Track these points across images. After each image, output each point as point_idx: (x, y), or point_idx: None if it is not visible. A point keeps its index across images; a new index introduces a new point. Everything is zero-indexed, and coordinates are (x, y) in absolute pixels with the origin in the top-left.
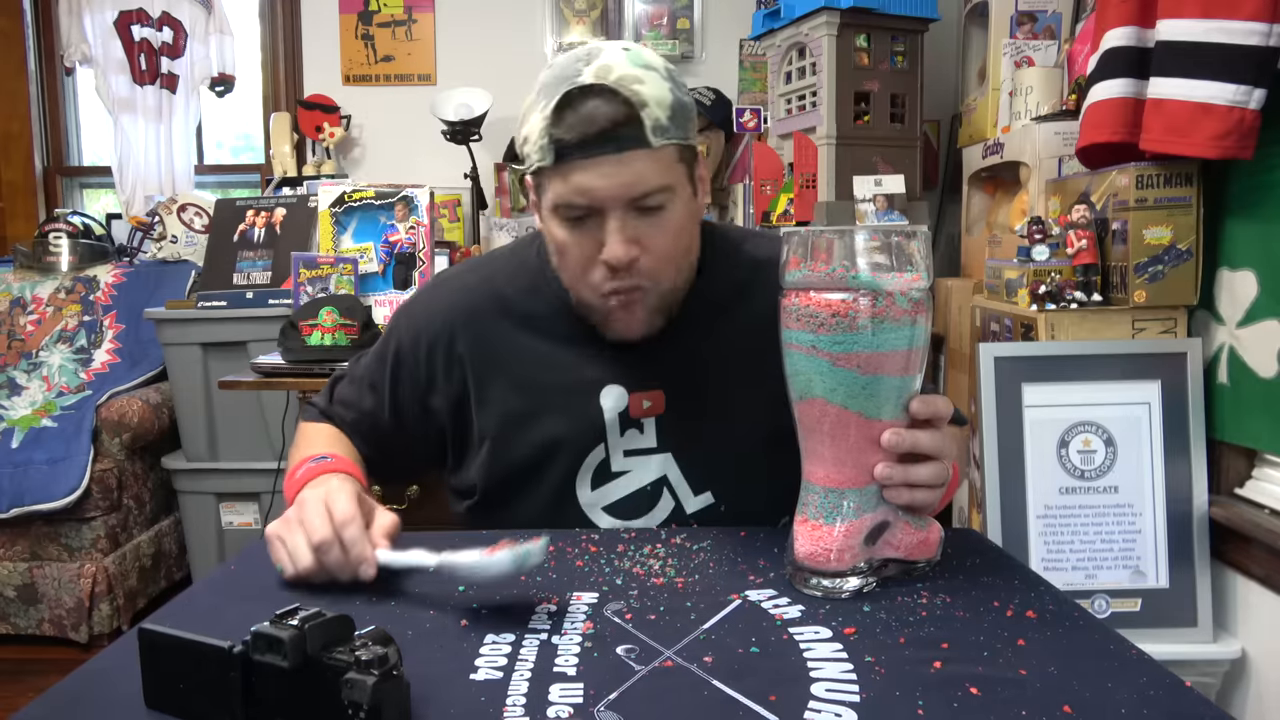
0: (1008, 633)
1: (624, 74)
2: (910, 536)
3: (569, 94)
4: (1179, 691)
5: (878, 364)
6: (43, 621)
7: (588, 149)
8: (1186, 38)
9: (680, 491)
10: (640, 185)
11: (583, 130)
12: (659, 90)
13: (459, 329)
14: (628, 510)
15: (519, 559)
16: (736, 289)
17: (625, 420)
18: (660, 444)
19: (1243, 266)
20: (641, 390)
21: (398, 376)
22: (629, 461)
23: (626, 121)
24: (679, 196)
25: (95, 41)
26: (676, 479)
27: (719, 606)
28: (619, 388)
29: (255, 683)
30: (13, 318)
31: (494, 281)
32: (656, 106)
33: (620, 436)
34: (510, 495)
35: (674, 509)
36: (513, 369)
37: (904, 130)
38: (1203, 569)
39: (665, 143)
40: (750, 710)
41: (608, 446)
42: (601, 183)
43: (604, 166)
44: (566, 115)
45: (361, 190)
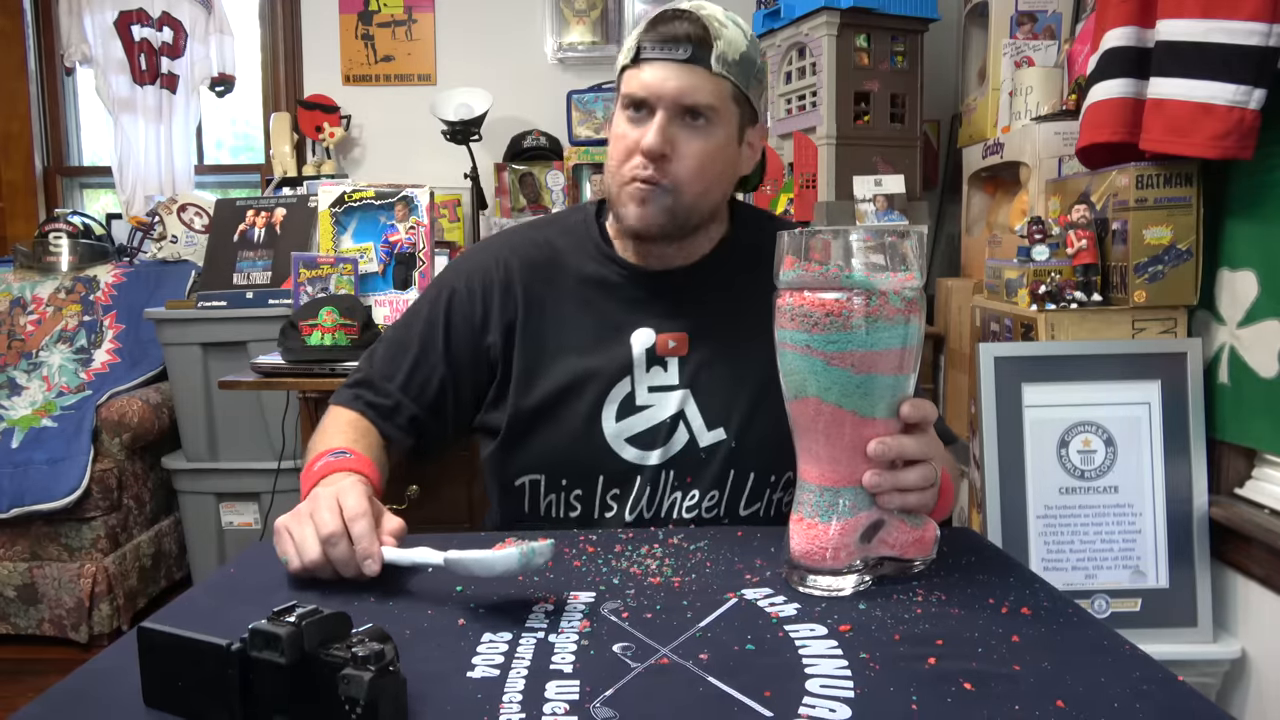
0: (1002, 629)
1: (713, 13)
2: (906, 535)
3: (664, 12)
4: (1172, 686)
5: (872, 363)
6: (43, 621)
7: (661, 50)
8: (1186, 38)
9: (695, 425)
10: (691, 95)
11: (662, 36)
12: (737, 36)
13: (514, 267)
14: (648, 441)
15: (526, 557)
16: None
17: (651, 357)
18: (681, 381)
19: (1243, 266)
20: (668, 331)
21: (450, 321)
22: (652, 397)
23: (700, 41)
24: (723, 127)
25: (95, 41)
26: (692, 414)
27: (715, 605)
28: (648, 329)
29: (253, 679)
30: (13, 318)
31: (544, 233)
32: (728, 45)
33: (646, 372)
34: (541, 424)
35: (688, 441)
36: (557, 308)
37: (904, 130)
38: (1203, 569)
39: (725, 75)
40: (745, 706)
41: (634, 380)
42: (661, 81)
43: (668, 69)
44: (657, 26)
45: (361, 190)
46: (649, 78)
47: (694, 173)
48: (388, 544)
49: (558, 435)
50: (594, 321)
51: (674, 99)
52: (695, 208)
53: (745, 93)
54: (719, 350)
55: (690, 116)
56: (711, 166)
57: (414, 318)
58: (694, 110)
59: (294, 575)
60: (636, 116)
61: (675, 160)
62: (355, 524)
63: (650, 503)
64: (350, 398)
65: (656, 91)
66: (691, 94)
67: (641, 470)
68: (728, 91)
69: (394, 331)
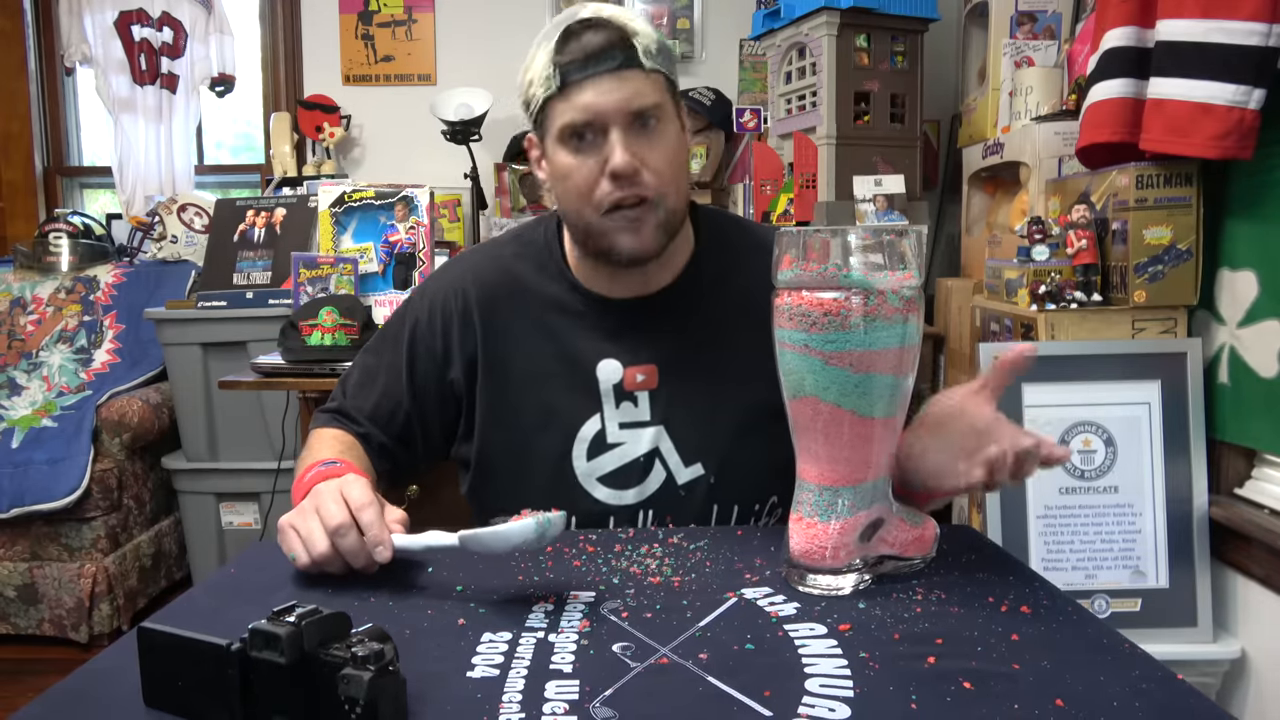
0: (1001, 628)
1: (616, 12)
2: (905, 533)
3: (570, 27)
4: (1171, 684)
5: (870, 362)
6: (43, 621)
7: (589, 67)
8: (1186, 38)
9: (671, 462)
10: (638, 100)
11: (584, 51)
12: (647, 28)
13: (471, 297)
14: (621, 481)
15: (542, 527)
16: (728, 269)
17: (620, 393)
18: (653, 416)
19: (1243, 266)
20: (635, 364)
21: (414, 354)
22: (624, 434)
23: (622, 44)
24: (671, 121)
25: (95, 41)
26: (668, 450)
27: (715, 604)
28: (614, 361)
29: (253, 679)
30: (13, 318)
31: (502, 258)
32: (646, 38)
33: (615, 409)
34: (511, 462)
35: (665, 480)
36: (518, 339)
37: (904, 130)
38: (1203, 569)
39: (655, 68)
40: (745, 705)
41: (603, 417)
42: (604, 98)
43: (605, 83)
44: (569, 44)
45: (361, 190)
46: (587, 99)
47: (667, 175)
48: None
49: (529, 475)
50: (556, 353)
51: (624, 110)
52: (677, 210)
53: (673, 79)
54: (691, 381)
55: (642, 122)
56: (678, 163)
57: (382, 344)
58: (643, 115)
59: (303, 571)
60: (582, 145)
61: (646, 170)
62: (363, 513)
63: None
64: (328, 420)
65: (603, 110)
66: (638, 99)
67: (617, 511)
68: (663, 84)
69: (364, 358)
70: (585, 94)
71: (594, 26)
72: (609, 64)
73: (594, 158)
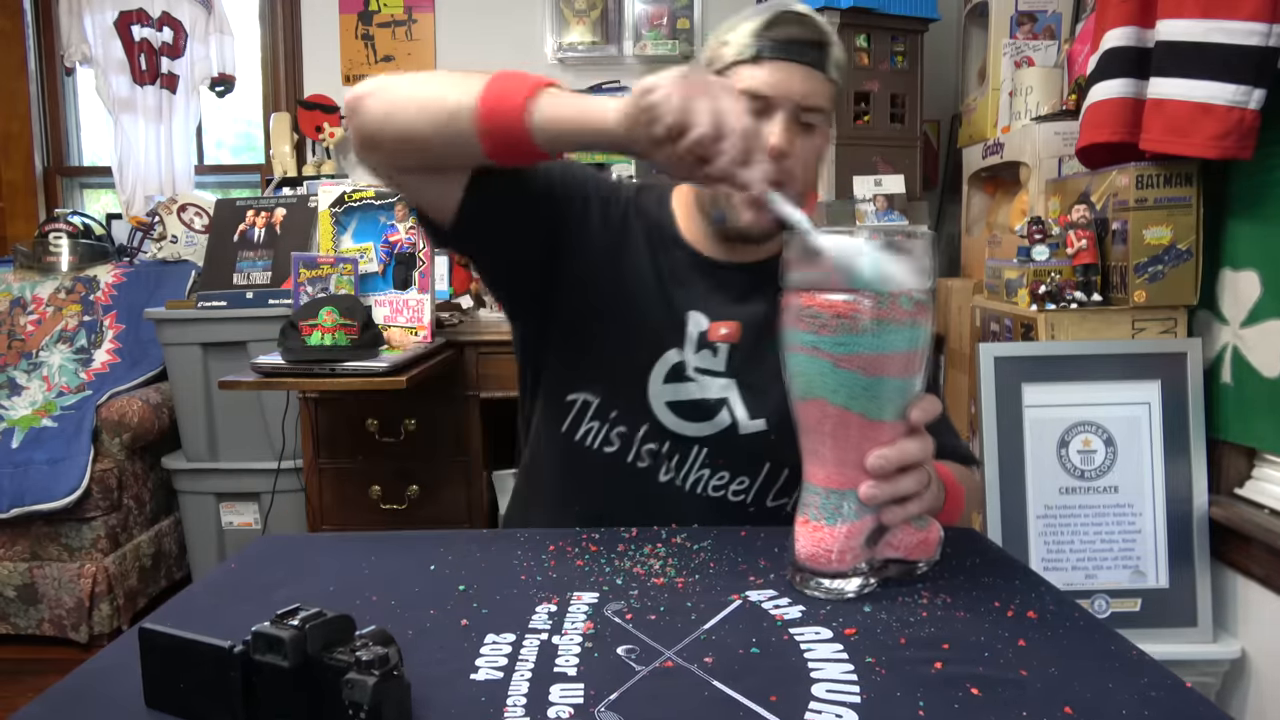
0: (1008, 633)
1: (819, 18)
2: (910, 537)
3: (783, 13)
4: (1179, 692)
5: (880, 365)
6: (43, 621)
7: (786, 51)
8: (1186, 38)
9: (738, 414)
10: (812, 98)
11: (789, 36)
12: (837, 42)
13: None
14: (689, 412)
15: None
16: None
17: (702, 341)
18: (728, 369)
19: (1245, 266)
20: (722, 319)
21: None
22: (699, 377)
23: (821, 46)
24: (825, 131)
25: (95, 41)
26: (735, 403)
27: (719, 607)
28: (702, 314)
29: (255, 683)
30: (13, 318)
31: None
32: (838, 49)
33: (695, 354)
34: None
35: (730, 425)
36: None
37: (904, 130)
38: (1203, 569)
39: (835, 80)
40: (751, 711)
41: (684, 355)
42: (787, 82)
43: (794, 70)
44: (775, 26)
45: (361, 190)
46: (773, 77)
47: (806, 172)
48: None
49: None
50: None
51: (797, 101)
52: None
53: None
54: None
55: (805, 119)
56: (817, 166)
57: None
58: (810, 113)
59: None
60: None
61: (792, 160)
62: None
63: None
64: None
65: (783, 92)
66: (813, 97)
67: (674, 437)
68: (833, 95)
69: None
70: (773, 72)
71: (802, 23)
72: (804, 56)
73: None
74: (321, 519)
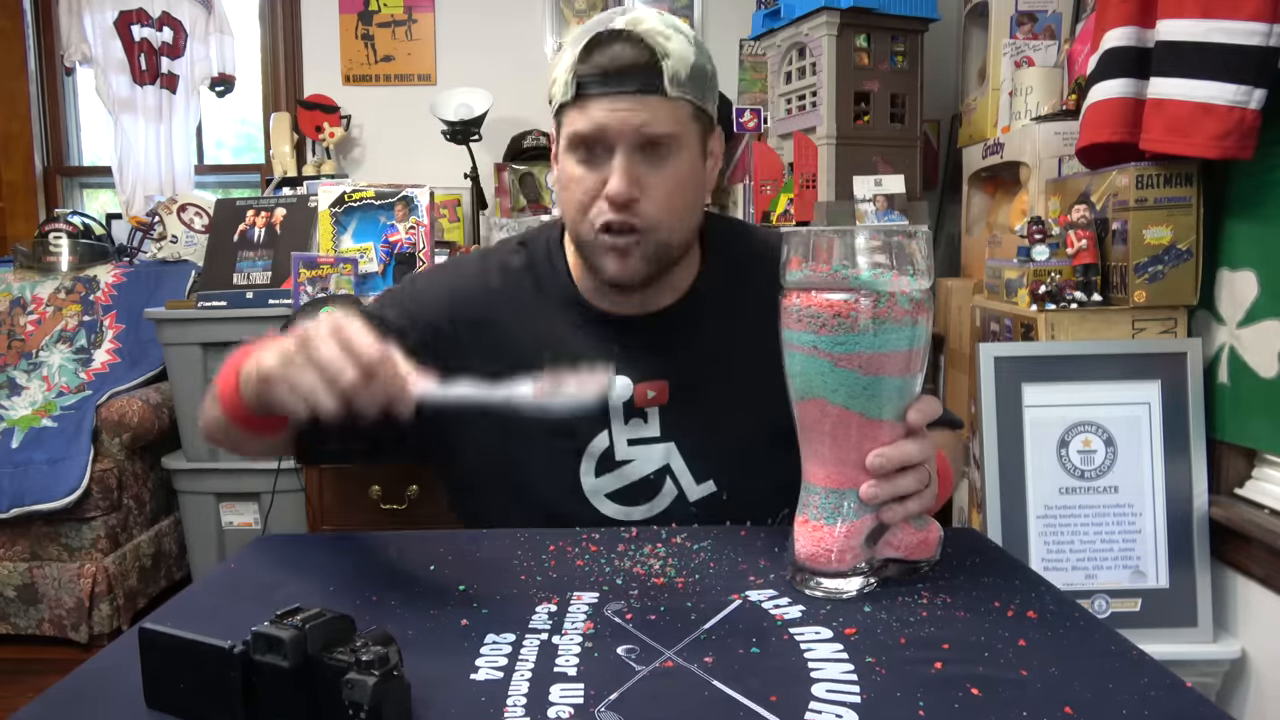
0: (1008, 633)
1: (653, 27)
2: (910, 536)
3: (599, 35)
4: (1180, 692)
5: (879, 365)
6: (43, 621)
7: (607, 84)
8: (1186, 38)
9: (683, 481)
10: (651, 127)
11: (605, 67)
12: (683, 49)
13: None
14: (631, 497)
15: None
16: (739, 281)
17: (630, 409)
18: (664, 434)
19: (1243, 266)
20: (646, 380)
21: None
22: (633, 450)
23: (647, 66)
24: (687, 152)
25: (95, 41)
26: (679, 468)
27: (719, 606)
28: (624, 378)
29: (255, 683)
30: (13, 318)
31: (506, 270)
32: (678, 61)
33: (624, 425)
34: (515, 479)
35: (676, 497)
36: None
37: (904, 130)
38: (1203, 569)
39: (681, 96)
40: (751, 711)
41: (611, 435)
42: (615, 118)
43: (620, 103)
44: (594, 54)
45: (361, 190)
46: (599, 116)
47: (667, 209)
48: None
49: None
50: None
51: (633, 135)
52: (674, 244)
53: (703, 107)
54: (703, 396)
55: (652, 149)
56: (683, 197)
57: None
58: (655, 142)
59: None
60: (590, 157)
61: (645, 199)
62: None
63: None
64: None
65: (611, 130)
66: (651, 126)
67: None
68: (687, 113)
69: None
70: (598, 109)
71: (624, 40)
72: (628, 85)
73: (597, 174)
74: (321, 519)
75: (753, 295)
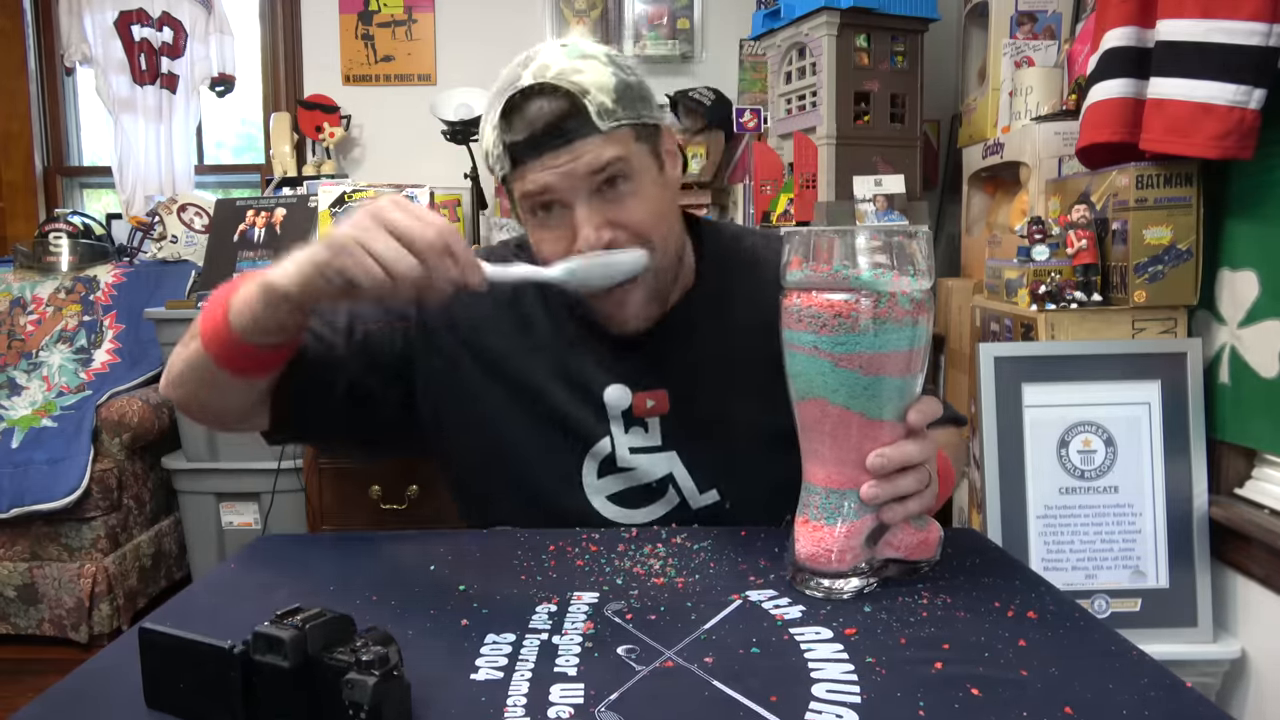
0: (1008, 633)
1: (561, 68)
2: (910, 537)
3: (511, 99)
4: (1179, 692)
5: (880, 365)
6: (43, 621)
7: (538, 147)
8: (1186, 38)
9: (685, 489)
10: (597, 165)
11: (529, 130)
12: (600, 76)
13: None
14: (632, 500)
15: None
16: (733, 285)
17: (629, 419)
18: (665, 443)
19: (1244, 267)
20: (645, 390)
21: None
22: (635, 459)
23: (571, 114)
24: (643, 173)
25: (95, 41)
26: (682, 476)
27: (720, 607)
28: (622, 387)
29: (255, 683)
30: (13, 318)
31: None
32: (599, 92)
33: (625, 434)
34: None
35: (679, 504)
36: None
37: (904, 130)
38: (1203, 569)
39: (615, 125)
40: (751, 711)
41: (614, 441)
42: (557, 176)
43: (557, 160)
44: (514, 120)
45: (362, 190)
46: (544, 178)
47: (645, 233)
48: None
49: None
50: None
51: (584, 181)
52: (666, 267)
53: (642, 123)
54: (704, 404)
55: (608, 185)
56: (654, 212)
57: None
58: (609, 177)
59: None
60: (550, 217)
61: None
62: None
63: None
64: None
65: (559, 189)
66: (597, 164)
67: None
68: (629, 136)
69: None
70: (539, 173)
71: (538, 94)
72: (559, 139)
73: (563, 228)
74: (321, 519)
75: (747, 300)
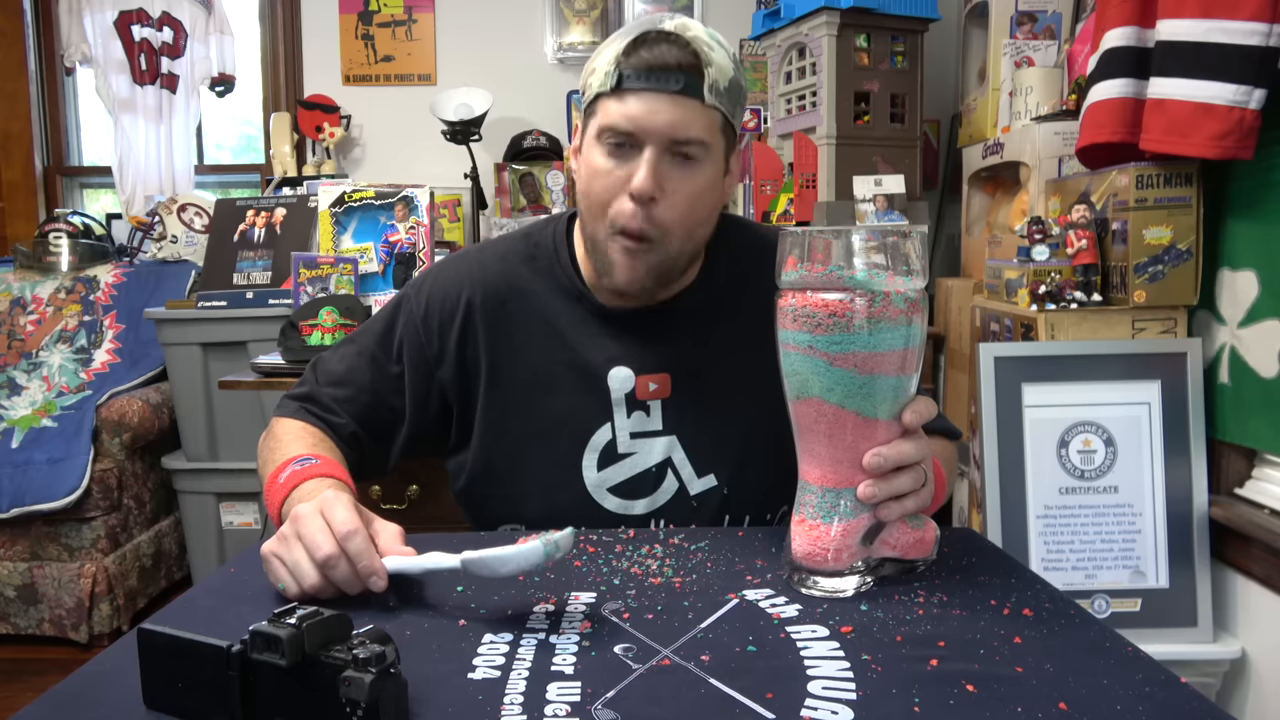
0: (1004, 630)
1: (700, 34)
2: (907, 535)
3: (647, 33)
4: (1174, 688)
5: (875, 364)
6: (43, 621)
7: (650, 80)
8: (1186, 38)
9: (684, 474)
10: (684, 130)
11: (649, 63)
12: (725, 63)
13: (474, 300)
14: (632, 490)
15: (550, 548)
16: (743, 276)
17: (632, 402)
18: (665, 427)
19: (1244, 267)
20: (648, 373)
21: (403, 349)
22: (635, 444)
23: (691, 69)
24: (712, 161)
25: (95, 41)
26: (680, 461)
27: (716, 606)
28: (626, 370)
29: (254, 682)
30: (13, 318)
31: (508, 259)
32: (719, 71)
33: (627, 418)
34: (517, 471)
35: (678, 490)
36: (524, 345)
37: (904, 130)
38: (1203, 569)
39: (716, 105)
40: (747, 708)
41: (614, 427)
42: (651, 115)
43: (658, 101)
44: (640, 50)
45: (361, 190)
46: (636, 110)
47: (684, 215)
48: (389, 553)
49: (534, 483)
50: (566, 360)
51: (665, 135)
52: (682, 253)
53: (732, 122)
54: (704, 390)
55: (680, 152)
56: (701, 206)
57: (367, 335)
58: (685, 146)
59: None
60: (618, 151)
61: (665, 202)
62: (350, 542)
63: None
64: (295, 409)
65: (646, 127)
66: (684, 129)
67: (626, 521)
68: (718, 123)
69: (345, 347)
70: (636, 104)
71: (671, 41)
72: (670, 85)
73: (622, 169)
74: None
75: (754, 290)
